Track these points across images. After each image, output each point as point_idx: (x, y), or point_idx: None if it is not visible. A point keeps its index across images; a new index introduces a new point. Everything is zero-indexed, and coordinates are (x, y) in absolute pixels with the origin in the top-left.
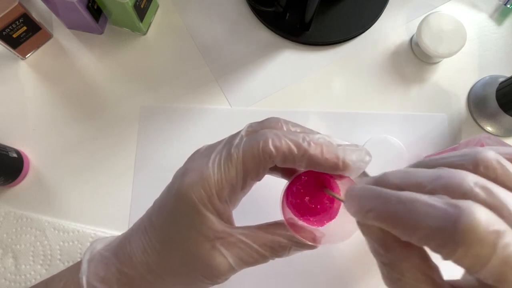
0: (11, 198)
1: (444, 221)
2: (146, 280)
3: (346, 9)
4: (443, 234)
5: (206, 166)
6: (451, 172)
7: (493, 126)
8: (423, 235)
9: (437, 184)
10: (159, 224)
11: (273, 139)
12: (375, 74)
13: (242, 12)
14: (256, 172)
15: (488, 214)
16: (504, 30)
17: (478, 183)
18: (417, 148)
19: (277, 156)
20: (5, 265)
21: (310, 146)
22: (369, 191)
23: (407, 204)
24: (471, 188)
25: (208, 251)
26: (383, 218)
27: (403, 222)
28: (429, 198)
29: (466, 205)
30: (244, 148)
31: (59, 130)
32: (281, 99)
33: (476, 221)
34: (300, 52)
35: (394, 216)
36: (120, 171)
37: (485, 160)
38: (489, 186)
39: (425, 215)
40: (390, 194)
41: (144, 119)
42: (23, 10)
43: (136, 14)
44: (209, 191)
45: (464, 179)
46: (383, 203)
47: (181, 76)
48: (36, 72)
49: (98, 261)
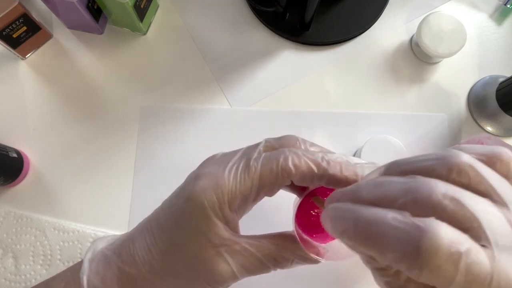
0: (11, 198)
1: (408, 244)
2: (148, 281)
3: (346, 9)
4: (408, 257)
5: (222, 174)
6: (420, 183)
7: (493, 126)
8: (392, 259)
9: (406, 199)
10: (166, 224)
11: (292, 158)
12: (375, 74)
13: (242, 12)
14: (271, 187)
15: (450, 233)
16: (504, 30)
17: (447, 194)
18: (417, 148)
19: (296, 174)
20: (5, 265)
21: (329, 165)
22: (340, 211)
23: (373, 225)
24: (439, 200)
25: (212, 257)
26: (356, 240)
27: (373, 245)
28: (394, 218)
29: (428, 225)
30: (263, 162)
31: (59, 130)
32: (281, 99)
33: (437, 243)
34: (300, 52)
35: (364, 238)
36: (120, 171)
37: (458, 165)
38: (458, 196)
39: (391, 238)
40: (358, 215)
41: (144, 119)
42: (23, 10)
43: (136, 14)
44: (222, 198)
45: (433, 191)
46: (353, 224)
47: (181, 76)
48: (36, 72)
49: (100, 260)
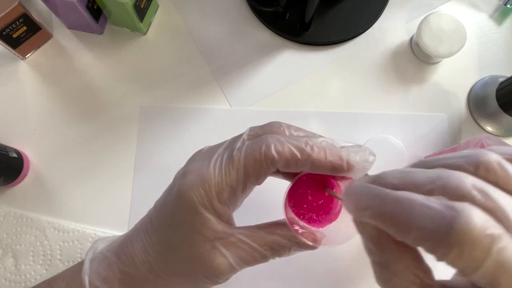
0: (11, 198)
1: (439, 222)
2: (148, 280)
3: (346, 9)
4: (438, 235)
5: (207, 168)
6: (449, 173)
7: (493, 126)
8: (417, 236)
9: (435, 185)
10: (160, 224)
11: (275, 144)
12: (375, 74)
13: (242, 12)
14: (257, 176)
15: (484, 217)
16: (504, 30)
17: (476, 185)
18: (417, 148)
19: (280, 161)
20: (5, 265)
21: (313, 150)
22: (366, 189)
23: (403, 203)
24: (469, 190)
25: (208, 251)
26: (379, 216)
27: (399, 222)
28: (425, 198)
29: (462, 207)
30: (246, 152)
31: (59, 130)
32: (281, 99)
33: (471, 224)
34: (300, 52)
35: (390, 215)
36: (120, 171)
37: (486, 162)
38: (487, 189)
39: (420, 216)
40: (387, 193)
41: (144, 119)
42: (23, 10)
43: (136, 14)
44: (209, 192)
45: (462, 181)
46: (379, 201)
47: (181, 76)
48: (36, 72)
49: (100, 261)
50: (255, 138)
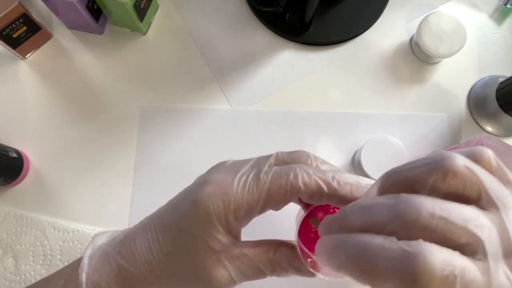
0: (11, 198)
1: (402, 274)
2: (145, 280)
3: (346, 9)
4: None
5: (231, 182)
6: (406, 204)
7: (493, 126)
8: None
9: (396, 223)
10: (170, 225)
11: (303, 175)
12: (375, 74)
13: (242, 12)
14: (278, 202)
15: (441, 256)
16: (504, 30)
17: (435, 214)
18: (417, 148)
19: (305, 192)
20: (5, 265)
21: (340, 185)
22: (330, 245)
23: (365, 256)
24: (428, 222)
25: (212, 263)
26: (353, 273)
27: (371, 277)
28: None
29: (417, 250)
30: (273, 177)
31: (59, 130)
32: (281, 99)
33: (430, 269)
34: (300, 52)
35: (360, 271)
36: (120, 171)
37: (453, 168)
38: (446, 215)
39: (384, 268)
40: (349, 246)
41: (144, 119)
42: (23, 10)
43: (136, 14)
44: (228, 207)
45: (420, 212)
46: (345, 258)
47: (181, 76)
48: (36, 72)
49: (100, 257)
50: (282, 163)
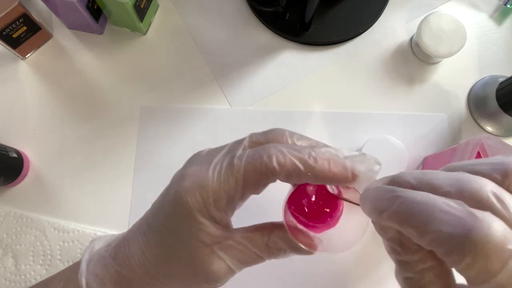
0: (11, 198)
1: (457, 228)
2: (145, 282)
3: (346, 9)
4: (453, 241)
5: (206, 173)
6: (470, 177)
7: (493, 126)
8: (432, 239)
9: (452, 187)
10: (157, 227)
11: (277, 155)
12: (375, 74)
13: (242, 12)
14: (256, 186)
15: (504, 229)
16: (504, 30)
17: (497, 193)
18: (417, 148)
19: (281, 173)
20: (5, 265)
21: (317, 162)
22: (384, 191)
23: (421, 205)
24: (488, 196)
25: (206, 256)
26: (396, 218)
27: (416, 224)
28: (446, 202)
29: (483, 216)
30: (247, 161)
31: (59, 130)
32: (281, 99)
33: (490, 236)
34: (300, 52)
35: (407, 216)
36: (120, 171)
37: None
38: (507, 199)
39: (438, 219)
40: (405, 194)
41: (144, 119)
42: (23, 10)
43: (136, 14)
44: (207, 199)
45: (483, 186)
46: (397, 203)
47: (181, 76)
48: (36, 72)
49: (97, 262)
50: (257, 145)
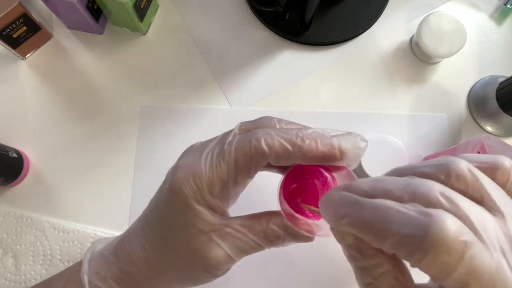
0: (11, 198)
1: (415, 228)
2: (147, 277)
3: (346, 9)
4: (413, 241)
5: (198, 162)
6: (419, 181)
7: (493, 126)
8: (393, 242)
9: (405, 192)
10: (154, 220)
11: (265, 138)
12: (375, 74)
13: (242, 12)
14: (247, 170)
15: (457, 224)
16: (504, 30)
17: (444, 193)
18: (417, 148)
19: (270, 154)
20: (5, 265)
21: (304, 142)
22: (343, 197)
23: (379, 210)
24: (437, 198)
25: (204, 244)
26: (356, 224)
27: (375, 229)
28: (401, 205)
29: (437, 214)
30: (236, 146)
31: (59, 130)
32: (281, 99)
33: (446, 230)
34: (300, 52)
35: (367, 222)
36: (120, 171)
37: (456, 170)
38: (454, 197)
39: (396, 222)
40: (363, 200)
41: (144, 119)
42: (23, 10)
43: (136, 14)
44: (201, 186)
45: (431, 188)
46: (357, 209)
47: (181, 76)
48: (36, 72)
49: (99, 261)
50: (246, 132)
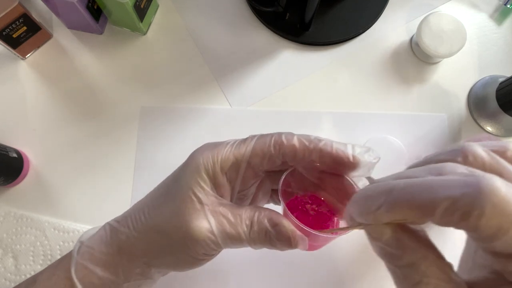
0: (11, 198)
1: (465, 188)
2: (132, 236)
3: (346, 9)
4: (467, 200)
5: (222, 144)
6: (441, 164)
7: (493, 126)
8: (446, 208)
9: (431, 174)
10: (163, 183)
11: (286, 135)
12: (375, 74)
13: (242, 12)
14: (262, 158)
15: (503, 180)
16: (504, 30)
17: (470, 170)
18: (417, 148)
19: (288, 146)
20: (5, 265)
21: (321, 141)
22: (375, 188)
23: (420, 185)
24: (465, 172)
25: (194, 210)
26: (397, 206)
27: (421, 202)
28: (441, 176)
29: (482, 173)
30: (259, 137)
31: (59, 130)
32: (281, 99)
33: (497, 184)
34: (300, 52)
35: (409, 199)
36: (120, 171)
37: (473, 151)
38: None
39: (443, 189)
40: (399, 183)
41: (144, 119)
42: (23, 10)
43: (136, 14)
44: (215, 158)
45: (456, 166)
46: (395, 192)
47: (181, 76)
48: (36, 72)
49: (96, 232)
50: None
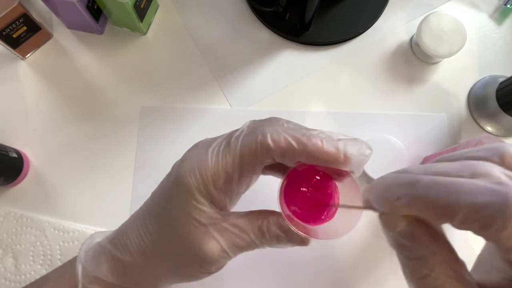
0: (11, 198)
1: (491, 196)
2: (138, 264)
3: (346, 9)
4: (491, 209)
5: (205, 155)
6: (477, 162)
7: (493, 126)
8: (467, 213)
9: (464, 173)
10: (155, 208)
11: (271, 134)
12: (375, 74)
13: (242, 12)
14: (252, 165)
15: None
16: (504, 30)
17: (506, 173)
18: (417, 148)
19: (275, 149)
20: (5, 265)
21: (310, 140)
22: (399, 176)
23: (447, 185)
24: (500, 175)
25: (200, 235)
26: (418, 201)
27: (443, 203)
28: (469, 179)
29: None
30: (243, 140)
31: (59, 130)
32: (281, 99)
33: None
34: (300, 52)
35: (432, 198)
36: (120, 171)
37: (510, 152)
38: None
39: (468, 193)
40: (423, 178)
41: (144, 119)
42: (23, 10)
43: (136, 14)
44: (205, 178)
45: (492, 167)
46: (418, 187)
47: (181, 76)
48: (36, 72)
49: (96, 251)
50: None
